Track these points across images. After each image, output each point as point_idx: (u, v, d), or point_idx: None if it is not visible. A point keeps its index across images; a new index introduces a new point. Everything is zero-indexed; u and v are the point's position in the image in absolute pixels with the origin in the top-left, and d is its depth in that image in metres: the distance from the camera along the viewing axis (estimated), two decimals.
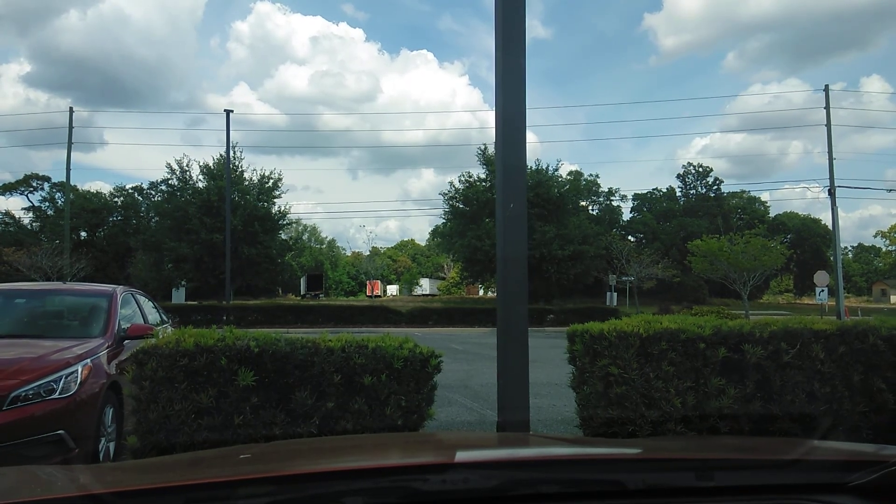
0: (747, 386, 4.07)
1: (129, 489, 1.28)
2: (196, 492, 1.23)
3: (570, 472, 1.44)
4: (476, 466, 1.45)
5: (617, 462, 1.58)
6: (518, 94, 4.37)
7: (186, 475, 1.48)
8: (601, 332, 4.08)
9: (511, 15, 4.53)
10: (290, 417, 3.44)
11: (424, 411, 3.66)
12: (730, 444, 2.34)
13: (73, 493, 1.27)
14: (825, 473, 1.46)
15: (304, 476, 1.34)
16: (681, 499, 1.36)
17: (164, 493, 1.24)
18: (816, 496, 1.35)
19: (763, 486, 1.40)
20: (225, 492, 1.24)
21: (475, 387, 10.20)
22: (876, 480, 1.35)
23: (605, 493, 1.35)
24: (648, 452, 1.74)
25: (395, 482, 1.29)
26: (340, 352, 3.53)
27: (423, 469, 1.37)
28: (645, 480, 1.38)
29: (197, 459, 2.00)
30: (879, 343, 4.30)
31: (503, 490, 1.29)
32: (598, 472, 1.44)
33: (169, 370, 3.30)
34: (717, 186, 76.21)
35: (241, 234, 34.18)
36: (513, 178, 4.12)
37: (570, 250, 33.84)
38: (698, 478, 1.39)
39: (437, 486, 1.26)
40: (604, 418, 4.04)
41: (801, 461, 1.59)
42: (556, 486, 1.34)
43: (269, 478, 1.33)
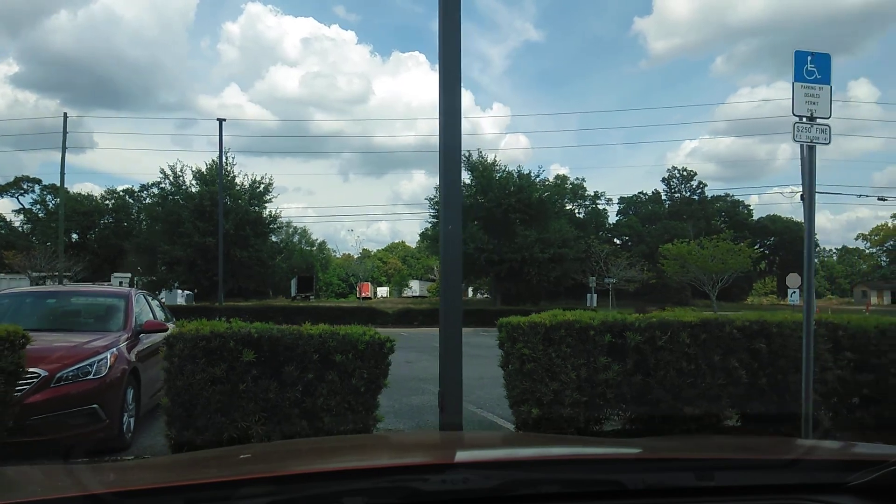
0: (628, 363, 5.37)
1: (129, 489, 1.28)
2: (196, 492, 1.24)
3: (570, 472, 1.45)
4: (476, 466, 1.47)
5: (617, 462, 1.59)
6: (455, 131, 5.58)
7: (186, 475, 1.50)
8: (518, 324, 5.36)
9: (450, 64, 5.69)
10: (280, 385, 4.69)
11: (381, 381, 4.93)
12: (730, 444, 2.41)
13: (73, 493, 1.27)
14: (825, 473, 1.46)
15: (304, 476, 1.35)
16: (681, 499, 1.36)
17: (164, 493, 1.24)
18: (816, 496, 1.35)
19: (763, 486, 1.40)
20: (225, 492, 1.24)
21: None
22: (876, 480, 1.34)
23: (605, 493, 1.35)
24: (648, 452, 1.75)
25: (395, 482, 1.29)
26: (318, 337, 4.79)
27: (423, 469, 1.38)
28: (645, 480, 1.38)
29: (197, 459, 2.08)
30: (735, 332, 5.61)
31: (503, 490, 1.29)
32: (598, 472, 1.45)
33: (192, 350, 4.55)
34: (701, 190, 77.99)
35: (232, 238, 35.27)
36: (452, 204, 5.39)
37: (551, 253, 35.23)
38: (698, 478, 1.40)
39: (437, 486, 1.26)
40: (520, 388, 5.32)
41: (801, 461, 1.59)
42: (556, 486, 1.34)
43: (269, 478, 1.33)
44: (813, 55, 5.30)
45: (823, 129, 5.29)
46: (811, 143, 5.30)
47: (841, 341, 5.82)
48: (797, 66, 5.24)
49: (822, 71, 5.28)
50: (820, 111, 5.25)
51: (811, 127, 5.26)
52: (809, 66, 5.28)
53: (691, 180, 79.54)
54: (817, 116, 5.26)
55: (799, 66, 5.25)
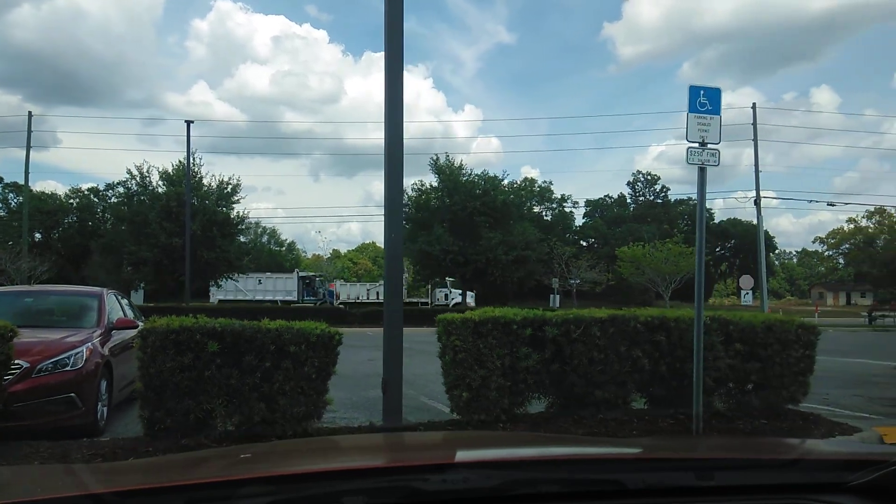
0: (546, 353, 6.22)
1: (129, 489, 1.28)
2: (196, 492, 1.24)
3: (570, 471, 1.45)
4: (476, 466, 1.47)
5: (617, 462, 1.59)
6: (398, 147, 6.35)
7: (186, 475, 1.51)
8: (452, 319, 6.15)
9: (393, 88, 6.41)
10: (241, 372, 5.41)
11: (330, 369, 5.70)
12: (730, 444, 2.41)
13: (73, 493, 1.27)
14: (825, 473, 1.47)
15: (304, 476, 1.36)
16: (681, 499, 1.37)
17: (164, 492, 1.24)
18: (816, 496, 1.35)
19: (763, 486, 1.41)
20: (225, 492, 1.24)
21: (410, 377, 12.11)
22: (876, 480, 1.35)
23: (605, 493, 1.35)
24: (648, 452, 1.75)
25: (395, 482, 1.30)
26: (275, 331, 5.53)
27: (423, 469, 1.38)
28: (645, 480, 1.39)
29: (197, 459, 2.09)
30: (639, 326, 6.50)
31: (503, 490, 1.29)
32: (598, 472, 1.45)
33: (163, 341, 5.24)
34: (664, 194, 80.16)
35: (199, 239, 35.45)
36: (394, 213, 6.18)
37: (514, 255, 36.31)
38: (698, 478, 1.40)
39: (437, 486, 1.27)
40: (454, 375, 6.12)
41: (801, 461, 1.59)
42: (556, 486, 1.34)
43: (269, 478, 1.34)
44: (705, 90, 6.20)
45: (713, 153, 6.20)
46: (702, 165, 6.21)
47: (732, 335, 6.75)
48: (691, 100, 6.14)
49: (712, 103, 6.19)
50: (710, 138, 6.16)
51: (703, 151, 6.16)
52: (702, 98, 6.18)
53: (655, 184, 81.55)
54: (708, 142, 6.16)
55: (693, 99, 6.15)
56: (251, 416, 5.45)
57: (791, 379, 6.86)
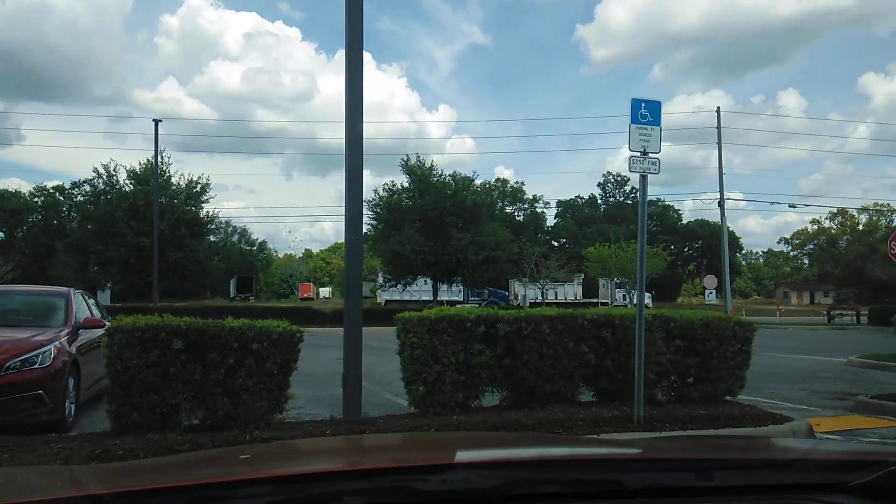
0: (499, 349, 6.59)
1: (129, 489, 1.29)
2: (196, 492, 1.24)
3: (570, 472, 1.46)
4: (476, 466, 1.47)
5: (617, 462, 1.60)
6: (357, 152, 6.66)
7: (186, 475, 1.51)
8: (410, 317, 6.49)
9: (353, 101, 6.73)
10: (205, 368, 5.67)
11: (292, 365, 5.99)
12: (730, 444, 2.44)
13: (73, 494, 1.28)
14: (825, 473, 1.47)
15: (304, 476, 1.36)
16: (681, 499, 1.38)
17: (164, 493, 1.25)
18: (816, 496, 1.36)
19: (763, 486, 1.41)
20: (225, 492, 1.25)
21: (377, 375, 12.45)
22: (876, 480, 1.35)
23: (605, 493, 1.35)
24: (648, 452, 1.77)
25: (395, 482, 1.30)
26: (238, 329, 5.80)
27: (423, 469, 1.38)
28: (645, 480, 1.39)
29: (197, 459, 2.09)
30: (585, 323, 6.92)
31: (503, 490, 1.30)
32: (598, 472, 1.46)
33: (129, 339, 5.48)
34: (634, 194, 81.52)
35: (168, 238, 35.21)
36: (354, 217, 6.50)
37: (484, 255, 36.79)
38: (698, 478, 1.41)
39: (437, 486, 1.27)
40: (411, 370, 6.45)
41: (801, 461, 1.60)
42: (556, 486, 1.35)
43: (269, 478, 1.34)
44: (646, 103, 6.63)
45: (654, 162, 6.63)
46: (644, 174, 6.64)
47: (673, 331, 7.21)
48: (633, 112, 6.56)
49: (653, 115, 6.62)
50: (651, 147, 6.59)
51: (644, 160, 6.59)
52: (643, 111, 6.61)
53: (625, 185, 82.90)
54: (649, 151, 6.59)
55: (635, 112, 6.57)
56: (215, 411, 5.71)
57: (728, 372, 7.34)
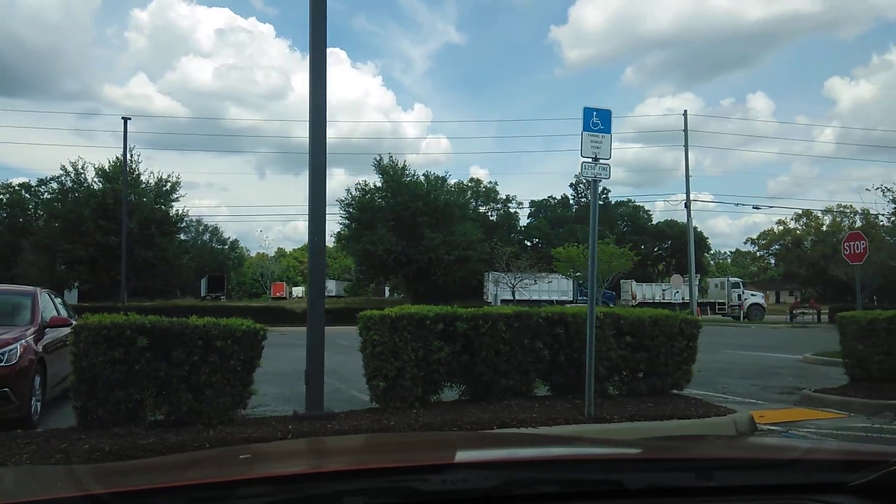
0: (457, 346, 6.88)
1: (129, 489, 1.29)
2: (196, 492, 1.25)
3: (570, 472, 1.46)
4: (476, 466, 1.48)
5: (617, 462, 1.60)
6: (321, 154, 6.88)
7: (186, 475, 1.51)
8: (372, 316, 6.73)
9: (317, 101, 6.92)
10: (170, 365, 5.85)
11: (255, 362, 6.21)
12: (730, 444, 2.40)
13: (73, 494, 1.28)
14: (825, 473, 1.47)
15: (304, 476, 1.37)
16: (681, 499, 1.38)
17: (164, 493, 1.25)
18: (816, 496, 1.36)
19: (763, 486, 1.42)
20: (225, 492, 1.25)
21: (345, 373, 12.64)
22: (876, 480, 1.36)
23: (605, 493, 1.36)
24: (648, 452, 1.77)
25: (395, 482, 1.31)
26: (202, 327, 5.99)
27: (423, 469, 1.39)
28: (645, 480, 1.40)
29: (197, 459, 2.09)
30: (540, 321, 7.25)
31: (503, 490, 1.30)
32: (598, 472, 1.46)
33: (95, 336, 5.64)
34: (605, 195, 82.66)
35: (137, 237, 34.87)
36: (317, 218, 6.72)
37: (456, 255, 37.15)
38: (698, 478, 1.41)
39: (437, 486, 1.28)
40: (373, 366, 6.70)
41: (801, 461, 1.60)
42: (556, 486, 1.35)
43: (268, 478, 1.36)
44: (597, 111, 6.97)
45: (605, 168, 6.98)
46: (595, 179, 6.98)
47: (623, 328, 7.57)
48: (585, 120, 6.89)
49: (604, 123, 6.96)
50: (602, 154, 6.93)
51: (595, 165, 6.93)
52: (595, 119, 6.94)
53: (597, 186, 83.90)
54: (600, 158, 6.93)
55: (587, 119, 6.90)
56: (179, 407, 5.89)
57: (675, 367, 7.74)
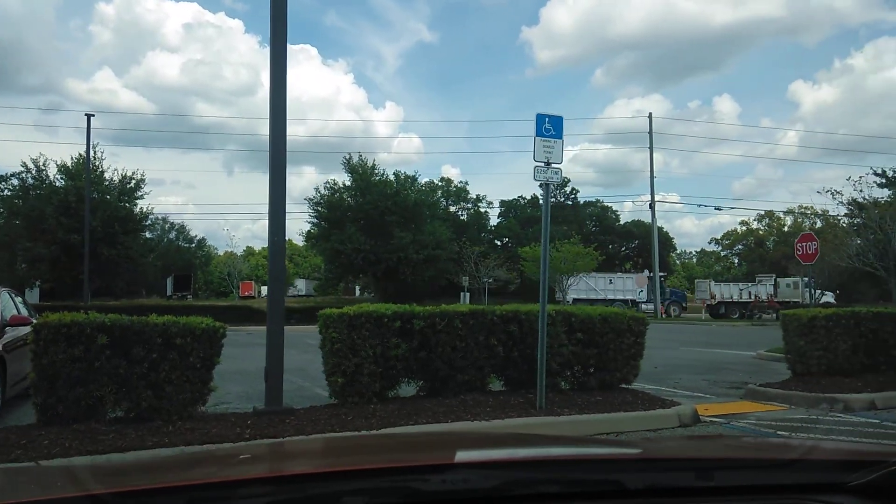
0: (414, 343, 7.12)
1: (129, 489, 1.28)
2: (196, 492, 1.25)
3: (570, 472, 1.47)
4: (476, 466, 1.49)
5: (617, 462, 1.61)
6: (281, 155, 7.04)
7: (186, 475, 1.53)
8: (331, 314, 6.93)
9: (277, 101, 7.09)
10: (129, 362, 5.97)
11: (214, 359, 6.36)
12: (730, 444, 2.41)
13: (73, 494, 1.27)
14: (825, 473, 1.48)
15: (304, 476, 1.37)
16: (681, 499, 1.38)
17: (164, 493, 1.25)
18: (816, 496, 1.36)
19: (763, 486, 1.42)
20: (225, 492, 1.25)
21: (312, 371, 12.75)
22: (876, 480, 1.36)
23: (605, 493, 1.36)
24: (648, 452, 1.76)
25: (395, 482, 1.31)
26: (162, 325, 6.12)
27: (423, 469, 1.39)
28: (645, 480, 1.40)
29: (197, 459, 2.09)
30: (495, 318, 7.53)
31: (503, 490, 1.30)
32: (598, 472, 1.47)
33: (55, 334, 5.73)
34: (574, 196, 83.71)
35: (100, 236, 34.33)
36: (277, 218, 6.89)
37: (425, 254, 37.39)
38: (698, 478, 1.42)
39: (437, 486, 1.28)
40: (332, 363, 6.90)
41: (801, 461, 1.60)
42: (556, 486, 1.36)
43: (269, 478, 1.36)
44: (549, 118, 7.27)
45: (556, 172, 7.29)
46: (547, 182, 7.28)
47: (574, 325, 7.90)
48: (538, 126, 7.19)
49: (556, 129, 7.27)
50: (554, 158, 7.24)
51: (547, 170, 7.23)
52: (547, 125, 7.24)
53: (565, 186, 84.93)
54: (552, 162, 7.24)
55: (539, 125, 7.20)
56: (139, 403, 6.02)
57: (624, 362, 8.09)
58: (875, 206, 24.43)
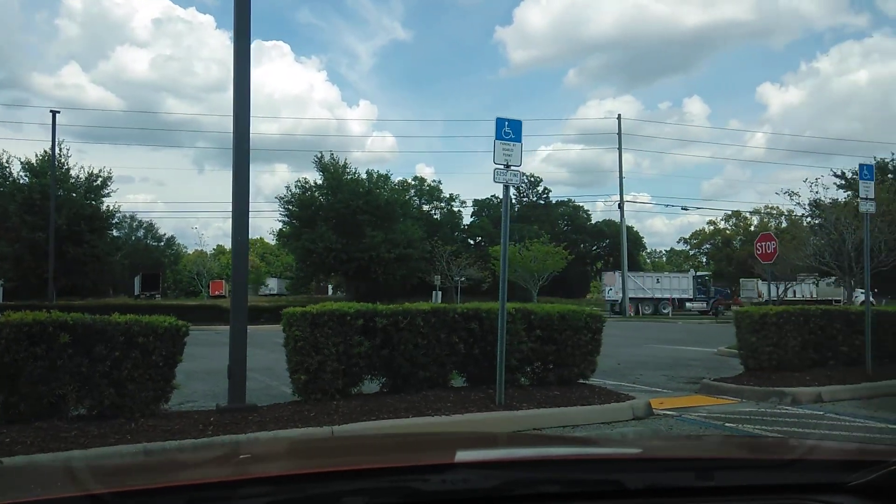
0: (377, 340, 7.28)
1: (129, 489, 1.29)
2: (196, 492, 1.25)
3: (570, 472, 1.48)
4: (476, 466, 1.50)
5: (617, 462, 1.63)
6: (244, 154, 7.15)
7: (186, 475, 1.54)
8: (294, 313, 7.06)
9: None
10: (92, 361, 6.04)
11: (177, 358, 6.45)
12: (730, 444, 2.41)
13: (73, 493, 1.28)
14: (825, 473, 1.49)
15: (304, 476, 1.37)
16: (681, 499, 1.38)
17: (165, 493, 1.25)
18: (816, 496, 1.37)
19: (763, 486, 1.43)
20: (225, 492, 1.26)
21: (278, 370, 12.76)
22: (876, 480, 1.36)
23: (605, 493, 1.36)
24: (648, 452, 1.78)
25: (395, 482, 1.31)
26: (124, 324, 6.19)
27: (423, 469, 1.40)
28: (645, 480, 1.40)
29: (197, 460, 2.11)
30: (456, 316, 7.73)
31: (503, 490, 1.30)
32: (598, 472, 1.47)
33: (17, 333, 5.78)
34: (546, 195, 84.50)
35: (65, 234, 33.78)
36: (240, 217, 7.00)
37: (396, 253, 37.50)
38: (698, 478, 1.43)
39: (437, 486, 1.28)
40: (295, 361, 7.03)
41: (801, 461, 1.62)
42: (556, 486, 1.36)
43: (269, 478, 1.36)
44: (509, 122, 7.49)
45: (515, 174, 7.51)
46: (507, 184, 7.51)
47: (533, 323, 8.14)
48: (497, 129, 7.40)
49: (515, 133, 7.50)
50: (513, 161, 7.46)
51: (507, 172, 7.45)
52: (507, 129, 7.47)
53: (538, 186, 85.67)
54: (511, 165, 7.46)
55: (499, 129, 7.42)
56: (102, 401, 6.09)
57: (581, 358, 8.37)
58: (834, 207, 25.27)
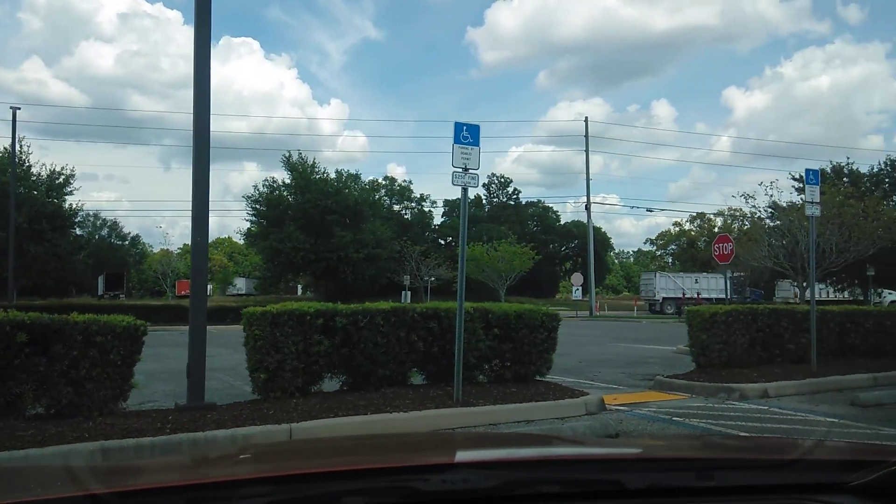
0: (337, 339, 7.42)
1: (129, 489, 1.29)
2: (196, 492, 1.25)
3: (570, 472, 1.48)
4: (476, 466, 1.51)
5: (617, 462, 1.63)
6: (204, 155, 7.23)
7: (187, 475, 1.54)
8: (254, 312, 7.16)
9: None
10: (49, 360, 6.07)
11: (135, 357, 6.51)
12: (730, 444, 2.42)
13: (73, 493, 1.28)
14: (825, 473, 1.49)
15: (304, 476, 1.36)
16: (681, 499, 1.39)
17: (165, 493, 1.26)
18: (816, 496, 1.37)
19: (763, 486, 1.43)
20: (225, 492, 1.26)
21: (242, 370, 12.74)
22: (876, 480, 1.37)
23: (605, 493, 1.37)
24: (648, 452, 1.79)
25: (395, 482, 1.32)
26: (82, 323, 6.23)
27: (423, 469, 1.40)
28: (645, 480, 1.41)
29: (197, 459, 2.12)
30: (416, 316, 7.91)
31: (503, 490, 1.31)
32: (598, 472, 1.48)
33: None
34: (516, 196, 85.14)
35: (26, 232, 33.05)
36: (200, 219, 7.07)
37: (365, 253, 37.50)
38: (698, 478, 1.43)
39: (437, 486, 1.29)
40: (255, 359, 7.13)
41: (801, 461, 1.62)
42: (556, 486, 1.36)
43: (269, 478, 1.36)
44: (467, 126, 7.70)
45: (473, 177, 7.73)
46: (465, 187, 7.71)
47: (491, 321, 8.37)
48: (456, 133, 7.61)
49: (473, 137, 7.71)
50: (471, 164, 7.67)
51: (465, 174, 7.66)
52: (465, 133, 7.67)
53: (508, 186, 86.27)
54: (469, 168, 7.67)
55: (457, 133, 7.62)
56: (59, 399, 6.12)
57: (538, 356, 8.63)
58: (792, 209, 26.09)
